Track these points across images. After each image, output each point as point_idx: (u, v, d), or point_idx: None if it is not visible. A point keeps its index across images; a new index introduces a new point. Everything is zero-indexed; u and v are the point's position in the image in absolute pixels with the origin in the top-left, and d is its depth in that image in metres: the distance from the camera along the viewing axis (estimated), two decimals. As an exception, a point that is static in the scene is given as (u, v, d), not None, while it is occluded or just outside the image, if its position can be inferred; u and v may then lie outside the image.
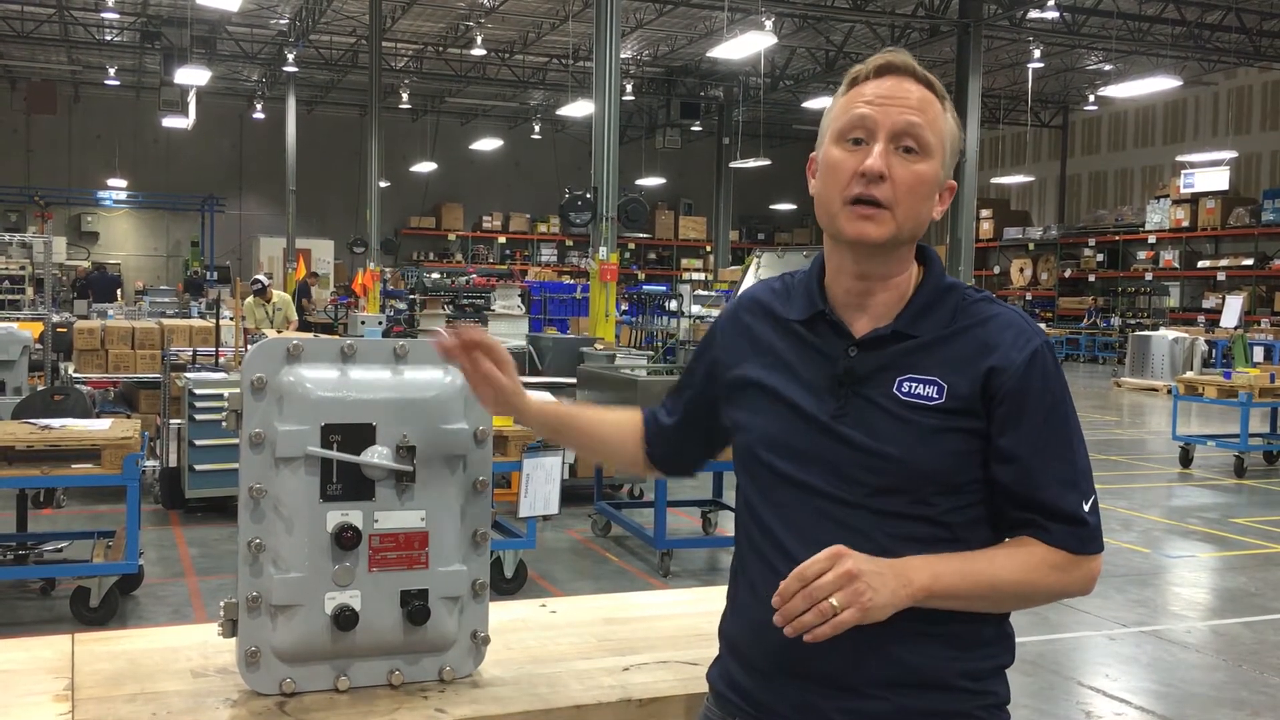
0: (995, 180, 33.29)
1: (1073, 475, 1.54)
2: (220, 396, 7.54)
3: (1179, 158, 27.65)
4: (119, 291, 24.85)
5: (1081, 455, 1.56)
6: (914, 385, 1.53)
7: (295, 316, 15.07)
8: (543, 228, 36.13)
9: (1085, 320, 28.91)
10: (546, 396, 2.40)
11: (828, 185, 1.57)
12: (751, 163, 26.86)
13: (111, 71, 28.67)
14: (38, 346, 10.06)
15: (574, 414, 1.93)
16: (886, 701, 1.52)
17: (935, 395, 1.52)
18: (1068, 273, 31.19)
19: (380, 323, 15.52)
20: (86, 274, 24.83)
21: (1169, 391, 14.64)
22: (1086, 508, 1.54)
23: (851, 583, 1.40)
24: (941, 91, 1.59)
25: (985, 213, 32.27)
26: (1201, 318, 25.45)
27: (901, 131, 1.53)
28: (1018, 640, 1.64)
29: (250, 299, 13.58)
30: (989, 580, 1.50)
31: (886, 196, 1.52)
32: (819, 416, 1.56)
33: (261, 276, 14.85)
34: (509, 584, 6.22)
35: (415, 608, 1.82)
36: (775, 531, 1.58)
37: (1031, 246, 32.30)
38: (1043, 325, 28.08)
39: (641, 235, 34.64)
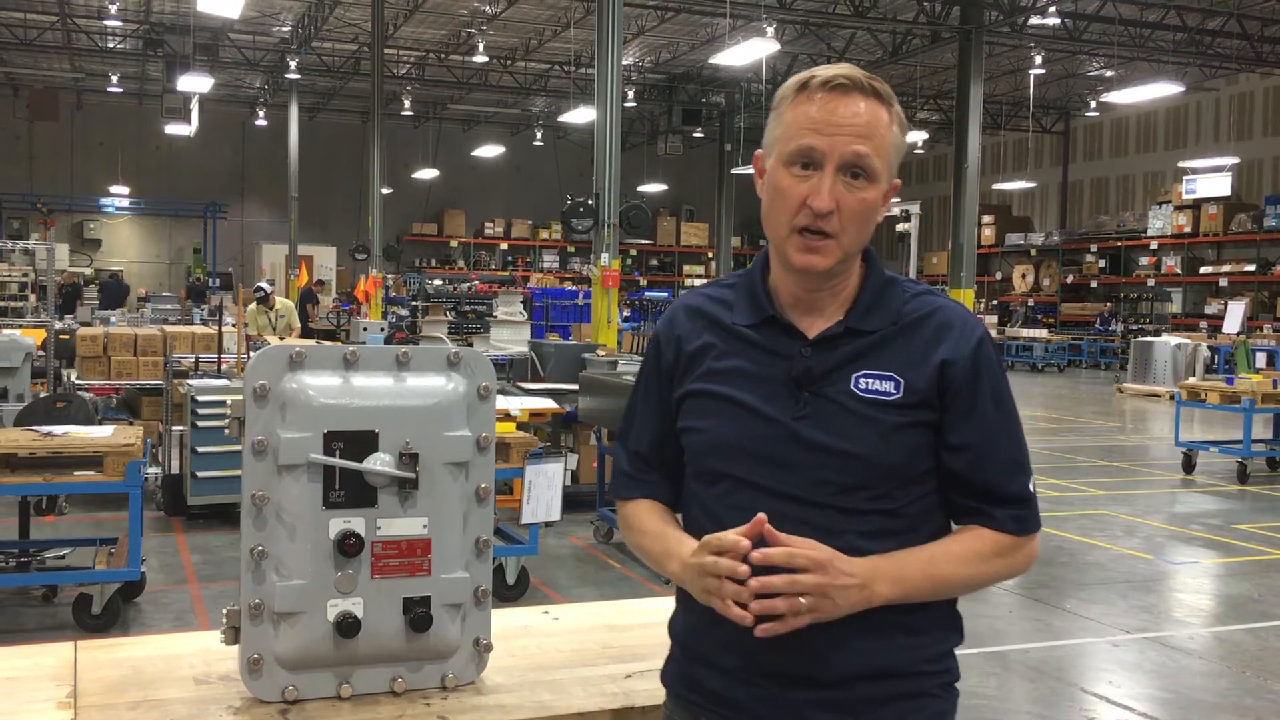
0: (997, 186, 33.29)
1: (1019, 457, 1.61)
2: (222, 403, 7.54)
3: (1181, 163, 27.65)
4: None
5: (1022, 436, 1.64)
6: (871, 381, 1.56)
7: (298, 323, 15.08)
8: (545, 234, 36.15)
9: (1096, 325, 28.90)
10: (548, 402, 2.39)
11: (776, 209, 1.59)
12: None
13: (114, 79, 28.73)
14: (40, 353, 10.06)
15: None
16: (853, 691, 1.56)
17: (893, 390, 1.56)
18: (1070, 278, 31.18)
19: (382, 329, 15.52)
20: (73, 282, 24.79)
21: (1171, 397, 14.62)
22: (1031, 487, 1.62)
23: (824, 595, 1.46)
24: (889, 97, 1.59)
25: (987, 219, 32.27)
26: (1204, 323, 25.42)
27: (849, 162, 1.55)
28: (1020, 648, 1.66)
29: (253, 306, 13.59)
30: (945, 579, 1.57)
31: (833, 227, 1.55)
32: (780, 419, 1.57)
33: (264, 284, 14.86)
34: (511, 591, 6.21)
35: (418, 615, 1.82)
36: None
37: (1033, 252, 32.29)
38: (1044, 331, 28.08)
39: (643, 242, 34.65)
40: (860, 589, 1.48)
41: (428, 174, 33.42)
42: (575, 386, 8.70)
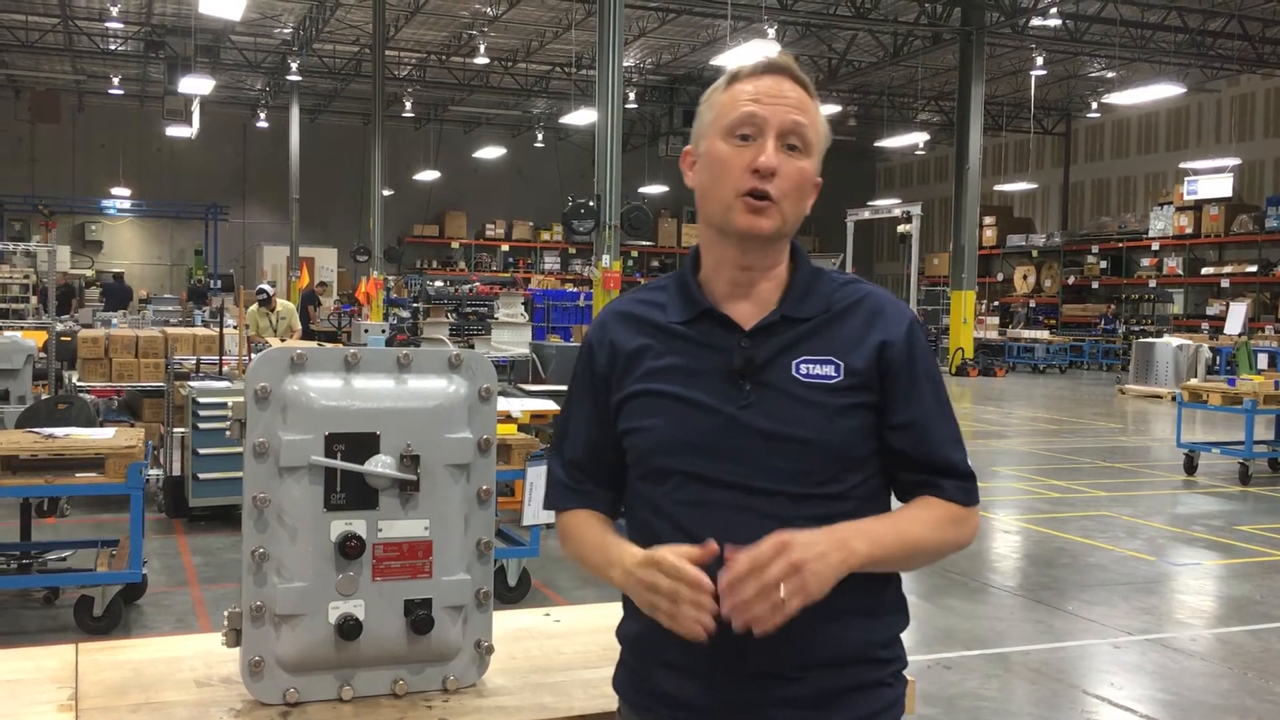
0: (998, 187, 33.30)
1: (956, 434, 1.66)
2: (224, 405, 7.54)
3: (1182, 164, 27.65)
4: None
5: (954, 415, 1.68)
6: (812, 366, 1.59)
7: (299, 325, 15.09)
8: (546, 236, 36.17)
9: (1099, 327, 28.91)
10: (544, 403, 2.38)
11: (719, 179, 1.61)
12: (754, 170, 26.82)
13: (115, 81, 28.76)
14: (42, 355, 10.06)
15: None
16: (814, 683, 1.57)
17: (834, 374, 1.59)
18: (1071, 280, 31.17)
19: (383, 331, 15.53)
20: (66, 283, 24.82)
21: (1173, 398, 14.61)
22: (970, 462, 1.66)
23: (798, 572, 1.44)
24: (814, 92, 1.65)
25: (988, 220, 32.26)
26: (1205, 324, 25.42)
27: (789, 130, 1.59)
28: (1022, 649, 1.67)
29: (254, 308, 13.61)
30: (913, 541, 1.59)
31: (776, 191, 1.58)
32: (724, 410, 1.58)
33: (266, 286, 14.88)
34: (512, 592, 6.21)
35: (419, 617, 1.82)
36: (692, 532, 1.55)
37: (1035, 253, 32.29)
38: (1046, 332, 28.08)
39: (644, 243, 34.65)
40: (837, 549, 1.48)
41: (429, 176, 33.44)
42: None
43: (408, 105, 30.18)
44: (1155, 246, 28.41)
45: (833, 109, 29.14)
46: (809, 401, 1.57)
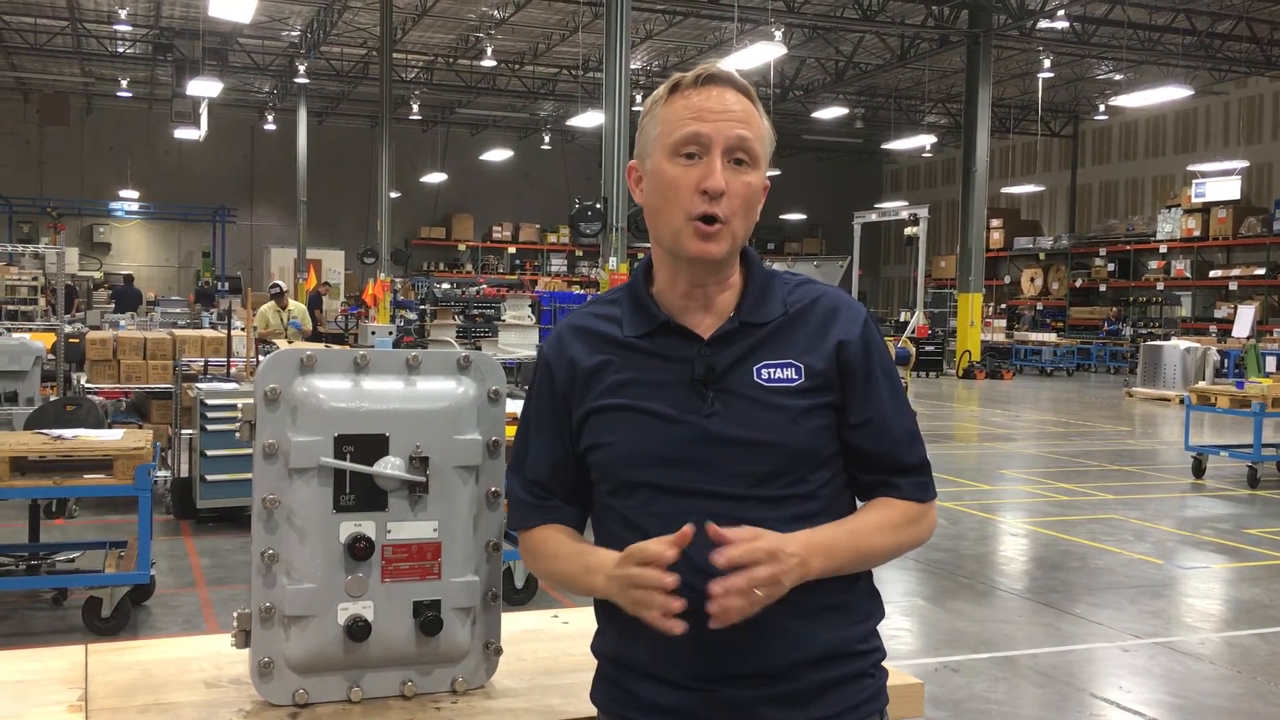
0: (1005, 190, 33.26)
1: (913, 428, 1.68)
2: (232, 407, 7.55)
3: (1190, 167, 27.61)
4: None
5: (910, 408, 1.70)
6: (773, 370, 1.60)
7: (309, 326, 15.12)
8: (552, 238, 36.20)
9: (1103, 330, 28.87)
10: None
11: (668, 202, 1.61)
12: (761, 173, 26.81)
13: (124, 83, 28.84)
14: (50, 357, 10.09)
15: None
16: (800, 681, 1.57)
17: (795, 376, 1.60)
18: (1079, 282, 31.13)
19: (391, 333, 15.54)
20: (69, 284, 24.87)
21: (1181, 402, 14.58)
22: (926, 456, 1.69)
23: (775, 585, 1.47)
24: (756, 98, 1.65)
25: (995, 222, 32.25)
26: (1213, 327, 25.36)
27: (734, 145, 1.58)
28: (1029, 652, 1.68)
29: (268, 305, 13.63)
30: (869, 549, 1.61)
31: (725, 212, 1.58)
32: (688, 419, 1.58)
33: (280, 282, 14.95)
34: (519, 594, 6.21)
35: (428, 618, 1.82)
36: None
37: (1042, 256, 32.25)
38: (1053, 335, 28.04)
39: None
40: (799, 565, 1.50)
41: (436, 178, 33.49)
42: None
43: (415, 108, 30.23)
44: (1163, 249, 28.35)
45: (840, 111, 29.12)
46: (772, 405, 1.58)
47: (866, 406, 1.63)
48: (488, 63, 25.27)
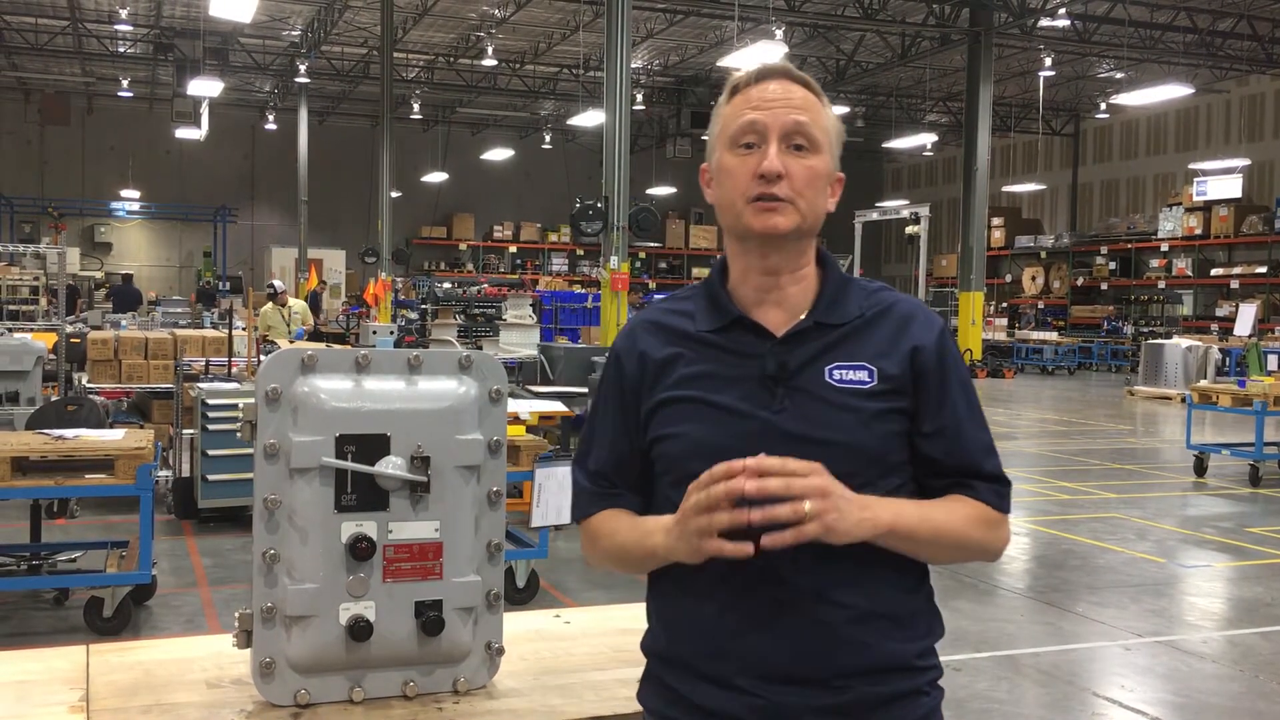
0: (1007, 188, 33.23)
1: (989, 442, 1.66)
2: (233, 406, 7.56)
3: (1191, 165, 27.59)
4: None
5: (985, 421, 1.68)
6: (845, 372, 1.59)
7: (311, 323, 15.11)
8: (554, 237, 36.18)
9: (1104, 328, 28.86)
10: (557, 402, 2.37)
11: (728, 190, 1.62)
12: (762, 171, 26.82)
13: (125, 83, 28.84)
14: (51, 357, 10.08)
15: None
16: (852, 692, 1.55)
17: (868, 379, 1.58)
18: (1080, 281, 31.11)
19: (392, 333, 15.53)
20: (71, 285, 24.86)
21: (1183, 400, 14.57)
22: (1003, 470, 1.66)
23: (826, 497, 1.45)
24: (818, 90, 1.64)
25: (997, 221, 32.21)
26: (1215, 326, 25.34)
27: (791, 131, 1.59)
28: (1031, 651, 1.66)
29: (268, 306, 13.59)
30: (938, 526, 1.58)
31: (786, 193, 1.58)
32: (759, 415, 1.57)
33: (275, 282, 14.91)
34: (521, 594, 6.21)
35: (430, 619, 1.82)
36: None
37: (1043, 254, 32.23)
38: (1054, 334, 28.03)
39: (652, 244, 34.66)
40: (861, 508, 1.48)
41: (437, 177, 33.47)
42: (584, 389, 8.71)
43: (416, 107, 30.21)
44: (1164, 247, 28.33)
45: (841, 110, 28.99)
46: (843, 406, 1.56)
47: (940, 415, 1.61)
48: (488, 62, 25.26)
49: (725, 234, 1.67)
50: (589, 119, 25.00)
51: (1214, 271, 27.31)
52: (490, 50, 24.40)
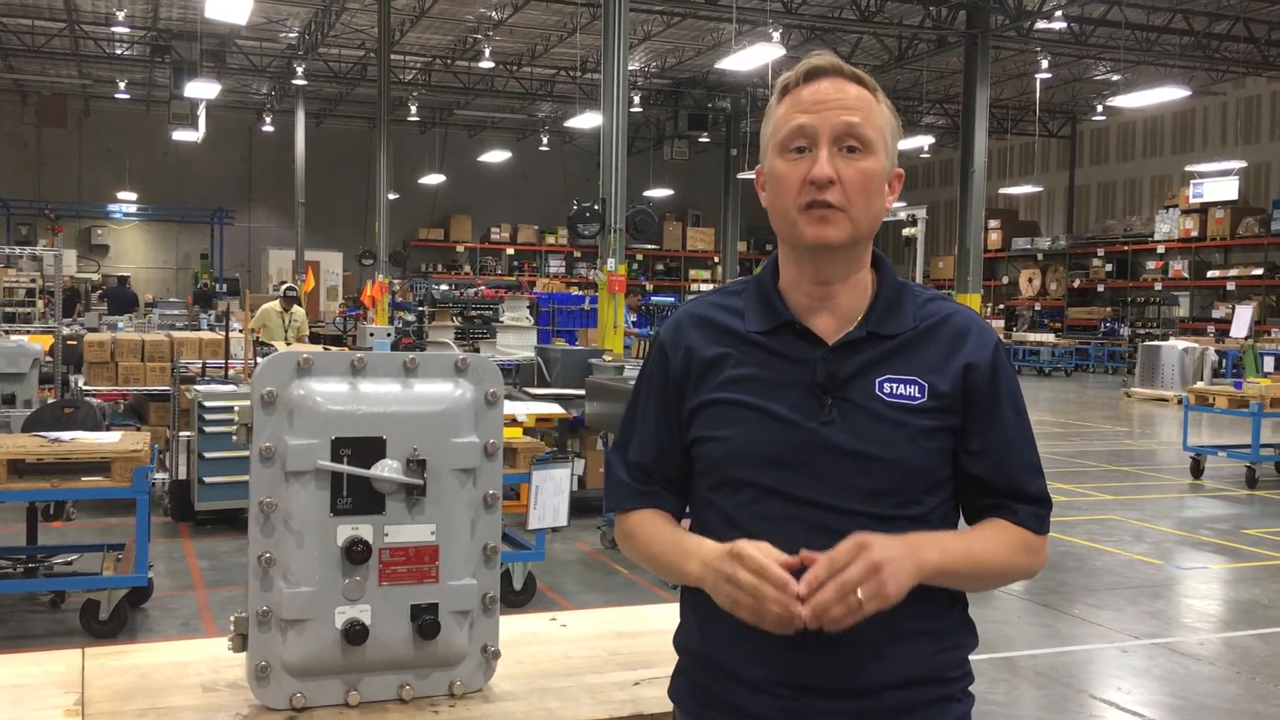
0: (1003, 190, 33.25)
1: (1036, 461, 1.63)
2: (230, 409, 7.55)
3: (1188, 167, 27.61)
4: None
5: (1034, 440, 1.66)
6: (895, 386, 1.56)
7: (307, 333, 15.08)
8: (551, 239, 36.18)
9: (1101, 330, 28.88)
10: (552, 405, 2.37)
11: (779, 196, 1.58)
12: (759, 174, 26.87)
13: (122, 85, 28.81)
14: (48, 359, 10.07)
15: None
16: (882, 700, 1.54)
17: (918, 395, 1.55)
18: (1076, 283, 31.13)
19: (389, 335, 15.52)
20: (71, 286, 24.82)
21: (1179, 402, 14.58)
22: (1047, 491, 1.65)
23: (877, 574, 1.42)
24: (873, 85, 1.60)
25: (993, 223, 32.23)
26: (1211, 328, 25.37)
27: (842, 133, 1.55)
28: (1029, 653, 1.66)
29: (274, 305, 13.47)
30: (983, 560, 1.57)
31: (839, 199, 1.54)
32: (806, 425, 1.54)
33: (294, 285, 14.84)
34: (517, 596, 6.20)
35: (426, 622, 1.82)
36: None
37: (1040, 257, 32.25)
38: (1051, 335, 28.03)
39: (649, 246, 34.66)
40: (910, 556, 1.46)
41: (434, 179, 33.46)
42: (582, 392, 8.70)
43: (413, 109, 30.19)
44: (1161, 249, 28.36)
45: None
46: (892, 421, 1.54)
47: (989, 434, 1.58)
48: (486, 64, 25.24)
49: (779, 239, 1.64)
50: (586, 121, 24.99)
51: (1210, 273, 27.33)
52: (488, 52, 24.40)
